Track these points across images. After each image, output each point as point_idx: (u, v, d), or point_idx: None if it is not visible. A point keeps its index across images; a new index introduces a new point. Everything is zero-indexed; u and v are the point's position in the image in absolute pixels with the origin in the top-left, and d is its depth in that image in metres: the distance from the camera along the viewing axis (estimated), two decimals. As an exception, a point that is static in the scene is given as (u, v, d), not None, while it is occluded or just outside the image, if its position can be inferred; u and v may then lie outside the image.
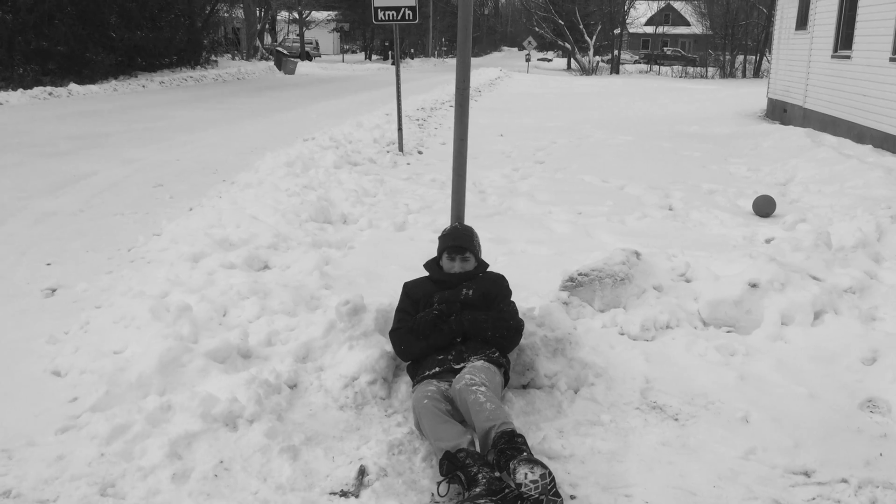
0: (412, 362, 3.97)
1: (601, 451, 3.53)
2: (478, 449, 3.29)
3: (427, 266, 4.32)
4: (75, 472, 3.19)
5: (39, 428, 3.63)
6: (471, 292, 4.02)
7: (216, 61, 37.35)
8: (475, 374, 3.52)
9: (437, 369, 3.76)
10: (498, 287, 4.16)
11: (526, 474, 2.98)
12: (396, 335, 4.00)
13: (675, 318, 4.93)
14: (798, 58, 18.77)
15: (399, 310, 4.12)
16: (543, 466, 3.03)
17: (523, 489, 2.95)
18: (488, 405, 3.33)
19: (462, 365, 3.75)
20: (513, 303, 4.18)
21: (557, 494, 2.99)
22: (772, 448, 3.57)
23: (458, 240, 4.22)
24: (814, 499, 3.23)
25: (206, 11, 37.37)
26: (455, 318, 3.89)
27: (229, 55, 43.01)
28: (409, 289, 4.18)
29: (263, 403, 3.68)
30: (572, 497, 3.16)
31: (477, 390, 3.39)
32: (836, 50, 16.08)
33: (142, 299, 5.04)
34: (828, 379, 4.22)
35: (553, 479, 3.00)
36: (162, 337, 4.34)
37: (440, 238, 4.34)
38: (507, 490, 2.97)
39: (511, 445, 3.15)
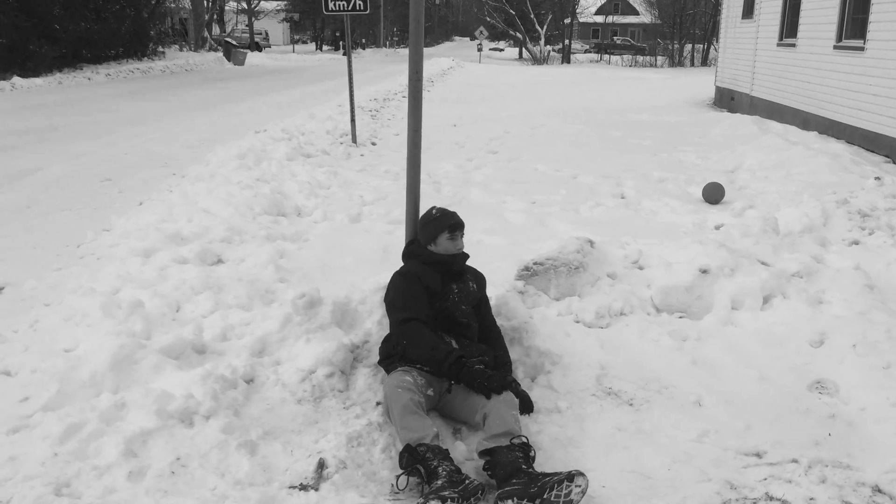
0: (390, 352, 3.83)
1: (558, 437, 3.58)
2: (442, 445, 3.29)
3: (416, 251, 4.08)
4: (29, 473, 3.12)
5: (-10, 429, 3.55)
6: (475, 286, 4.05)
7: (163, 52, 36.62)
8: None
9: (430, 371, 3.68)
10: (483, 287, 4.19)
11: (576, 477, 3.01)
12: (410, 328, 3.69)
13: (629, 305, 4.99)
14: (744, 46, 19.08)
15: (410, 296, 3.78)
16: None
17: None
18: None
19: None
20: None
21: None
22: (724, 430, 3.65)
23: (457, 217, 4.08)
24: (765, 479, 3.31)
25: (153, 2, 36.60)
26: (485, 375, 3.55)
27: (177, 46, 42.16)
28: (420, 273, 3.88)
29: (220, 399, 3.65)
30: (531, 484, 3.19)
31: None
32: (781, 38, 16.37)
33: (92, 296, 4.95)
34: (777, 362, 4.32)
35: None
36: (114, 334, 4.27)
37: (432, 221, 4.03)
38: (467, 482, 2.99)
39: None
